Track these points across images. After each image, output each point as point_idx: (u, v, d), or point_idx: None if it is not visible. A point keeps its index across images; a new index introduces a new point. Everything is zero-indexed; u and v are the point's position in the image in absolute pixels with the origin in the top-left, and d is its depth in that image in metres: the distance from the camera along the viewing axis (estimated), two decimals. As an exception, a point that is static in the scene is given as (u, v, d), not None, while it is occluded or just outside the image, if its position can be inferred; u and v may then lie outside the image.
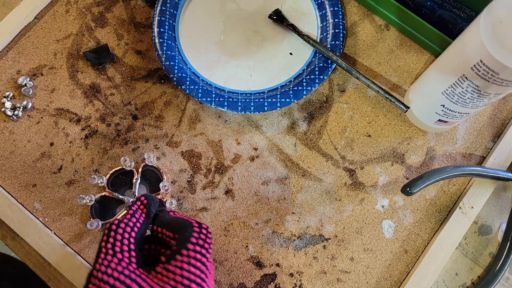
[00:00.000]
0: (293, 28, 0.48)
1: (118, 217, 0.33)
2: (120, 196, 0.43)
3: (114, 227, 0.30)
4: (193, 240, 0.29)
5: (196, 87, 0.45)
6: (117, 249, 0.29)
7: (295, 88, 0.46)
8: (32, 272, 0.42)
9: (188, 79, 0.45)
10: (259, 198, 0.44)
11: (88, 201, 0.42)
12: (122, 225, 0.30)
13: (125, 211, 0.33)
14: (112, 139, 0.46)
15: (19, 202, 0.44)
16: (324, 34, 0.48)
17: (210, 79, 0.47)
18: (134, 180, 0.44)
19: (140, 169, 0.44)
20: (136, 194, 0.44)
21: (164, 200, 0.44)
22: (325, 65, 0.46)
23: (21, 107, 0.46)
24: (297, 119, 0.47)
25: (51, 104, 0.47)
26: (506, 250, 0.42)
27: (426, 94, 0.42)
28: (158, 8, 0.48)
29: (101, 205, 0.44)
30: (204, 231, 0.30)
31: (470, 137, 0.47)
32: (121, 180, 0.44)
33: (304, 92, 0.45)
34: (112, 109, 0.47)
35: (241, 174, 0.45)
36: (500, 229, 0.44)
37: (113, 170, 0.44)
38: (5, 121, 0.46)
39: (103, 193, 0.44)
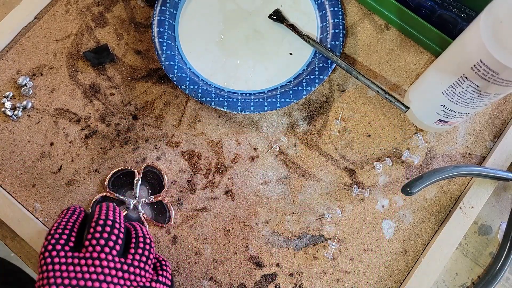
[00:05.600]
0: (293, 28, 0.48)
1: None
2: (121, 197, 0.43)
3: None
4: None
5: (196, 87, 0.45)
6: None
7: (295, 88, 0.46)
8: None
9: (188, 79, 0.45)
10: (259, 198, 0.44)
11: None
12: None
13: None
14: (112, 139, 0.46)
15: (19, 202, 0.44)
16: (324, 34, 0.48)
17: (209, 79, 0.47)
18: (135, 181, 0.44)
19: (141, 170, 0.44)
20: (137, 195, 0.44)
21: (165, 202, 0.44)
22: (325, 65, 0.46)
23: (21, 107, 0.46)
24: (297, 119, 0.47)
25: (51, 104, 0.47)
26: (506, 250, 0.42)
27: (426, 94, 0.42)
28: (158, 7, 0.48)
29: (101, 205, 0.44)
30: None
31: (470, 137, 0.47)
32: (122, 180, 0.44)
33: (304, 92, 0.45)
34: (112, 109, 0.47)
35: (241, 174, 0.45)
36: (500, 229, 0.44)
37: (115, 170, 0.44)
38: (5, 121, 0.46)
39: (104, 194, 0.44)
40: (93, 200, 0.43)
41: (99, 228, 0.32)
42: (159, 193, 0.44)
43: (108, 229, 0.32)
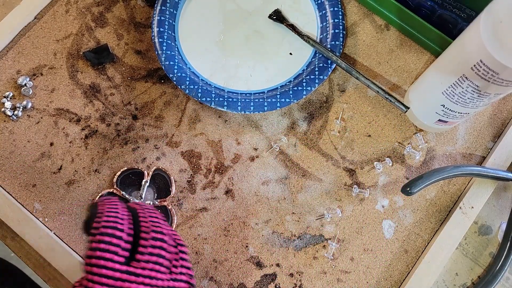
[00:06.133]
0: (293, 28, 0.48)
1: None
2: (127, 196, 0.43)
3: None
4: None
5: (196, 87, 0.45)
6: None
7: (295, 88, 0.46)
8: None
9: (187, 79, 0.45)
10: (259, 198, 0.44)
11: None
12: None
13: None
14: (112, 139, 0.46)
15: (19, 202, 0.44)
16: (324, 34, 0.48)
17: (210, 79, 0.47)
18: (143, 182, 0.44)
19: (151, 172, 0.44)
20: (143, 197, 0.43)
21: (169, 208, 0.43)
22: (325, 65, 0.46)
23: (21, 107, 0.46)
24: (297, 119, 0.47)
25: (51, 104, 0.47)
26: (506, 250, 0.42)
27: (426, 94, 0.42)
28: (158, 7, 0.48)
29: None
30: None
31: (470, 137, 0.47)
32: (130, 180, 0.44)
33: (304, 92, 0.45)
34: (112, 109, 0.47)
35: (241, 174, 0.45)
36: (500, 229, 0.44)
37: (125, 168, 0.44)
38: (5, 121, 0.46)
39: (111, 190, 0.44)
40: (99, 195, 0.43)
41: (151, 242, 0.30)
42: (164, 198, 0.44)
43: (159, 243, 0.31)
